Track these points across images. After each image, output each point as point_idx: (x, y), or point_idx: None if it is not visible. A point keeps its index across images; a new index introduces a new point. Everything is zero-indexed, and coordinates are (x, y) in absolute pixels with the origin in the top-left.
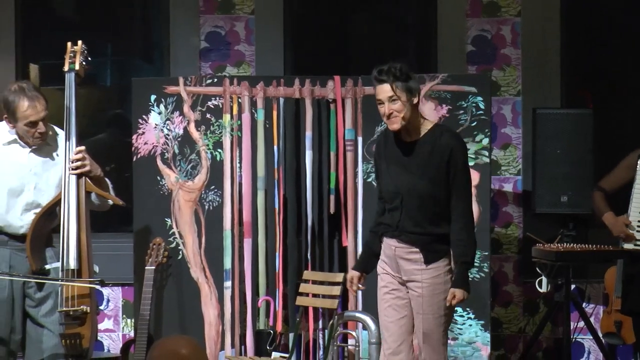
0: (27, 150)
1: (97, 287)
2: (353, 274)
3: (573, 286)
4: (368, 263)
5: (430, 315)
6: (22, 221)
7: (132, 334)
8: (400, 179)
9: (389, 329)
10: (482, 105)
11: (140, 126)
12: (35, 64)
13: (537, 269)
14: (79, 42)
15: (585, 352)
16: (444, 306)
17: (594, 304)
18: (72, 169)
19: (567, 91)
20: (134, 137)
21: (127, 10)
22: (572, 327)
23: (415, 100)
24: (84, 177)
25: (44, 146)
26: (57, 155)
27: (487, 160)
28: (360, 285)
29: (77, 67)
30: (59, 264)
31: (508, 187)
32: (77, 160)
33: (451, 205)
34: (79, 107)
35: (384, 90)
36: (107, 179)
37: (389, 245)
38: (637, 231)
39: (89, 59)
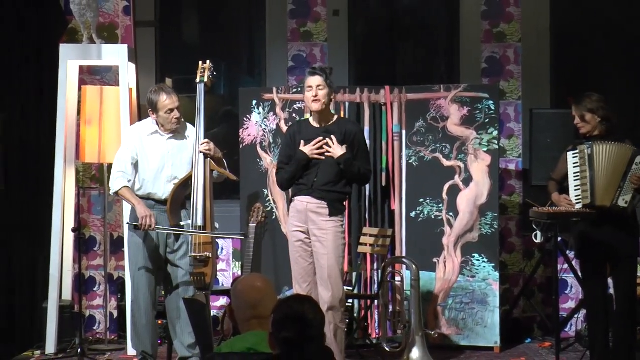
0: (165, 138)
1: (240, 238)
2: None
3: (560, 238)
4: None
5: (333, 255)
6: (164, 190)
7: (239, 272)
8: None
9: (299, 274)
10: (492, 107)
11: (245, 123)
12: (170, 78)
13: (533, 225)
14: (208, 61)
15: (569, 286)
16: (341, 249)
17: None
18: (201, 151)
19: (555, 96)
20: (241, 130)
21: (236, 38)
22: (558, 269)
23: (331, 96)
24: (209, 159)
25: (177, 135)
26: (187, 142)
27: (497, 147)
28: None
29: (205, 79)
30: (189, 221)
31: (512, 166)
32: (205, 144)
33: None
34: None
35: (316, 80)
36: (224, 160)
37: (301, 202)
38: (576, 204)
39: (214, 73)
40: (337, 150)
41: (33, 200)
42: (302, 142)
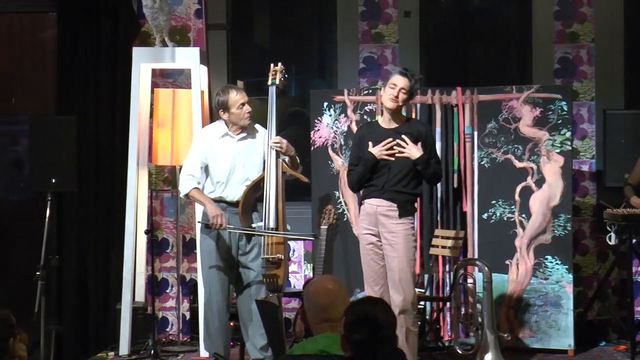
0: (235, 140)
1: (310, 239)
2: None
3: (634, 240)
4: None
5: (404, 258)
6: (236, 192)
7: (311, 274)
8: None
9: (370, 277)
10: (565, 108)
11: (316, 125)
12: (241, 80)
13: (607, 227)
14: (279, 64)
15: None
16: (412, 251)
17: None
18: (273, 147)
19: (629, 97)
20: (312, 132)
21: (307, 40)
22: (633, 271)
23: (408, 101)
24: (280, 161)
25: (247, 136)
26: (257, 143)
27: (570, 148)
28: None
29: (277, 82)
30: (261, 223)
31: (585, 168)
32: (277, 142)
33: None
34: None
35: (404, 81)
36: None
37: (370, 205)
38: None
39: (286, 76)
40: (415, 151)
41: (106, 203)
42: (371, 143)
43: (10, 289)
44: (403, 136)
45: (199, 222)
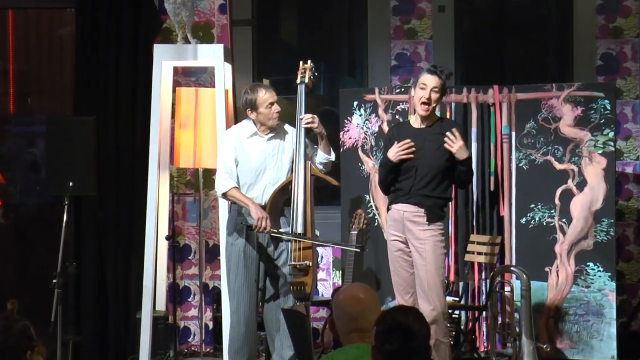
0: (265, 139)
1: (357, 250)
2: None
3: None
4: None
5: (432, 266)
6: (263, 195)
7: (339, 282)
8: (417, 155)
9: (400, 285)
10: (608, 107)
11: (346, 125)
12: (267, 79)
13: None
14: (309, 61)
15: None
16: (441, 259)
17: None
18: (305, 124)
19: None
20: (341, 133)
21: (337, 37)
22: None
23: (441, 99)
24: (309, 164)
25: (276, 135)
26: (287, 143)
27: (613, 149)
28: None
29: (307, 80)
30: (289, 229)
31: (629, 170)
32: (309, 118)
33: None
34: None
35: (434, 80)
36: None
37: (397, 210)
38: None
39: (316, 74)
40: (463, 152)
41: (126, 207)
42: (396, 142)
43: (26, 296)
44: (453, 130)
45: (242, 224)
